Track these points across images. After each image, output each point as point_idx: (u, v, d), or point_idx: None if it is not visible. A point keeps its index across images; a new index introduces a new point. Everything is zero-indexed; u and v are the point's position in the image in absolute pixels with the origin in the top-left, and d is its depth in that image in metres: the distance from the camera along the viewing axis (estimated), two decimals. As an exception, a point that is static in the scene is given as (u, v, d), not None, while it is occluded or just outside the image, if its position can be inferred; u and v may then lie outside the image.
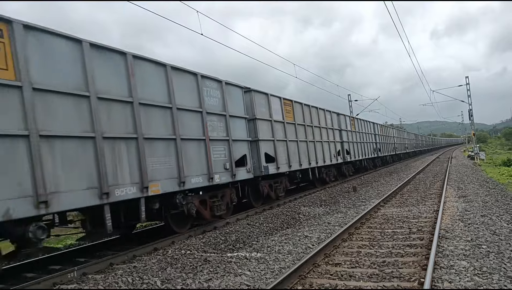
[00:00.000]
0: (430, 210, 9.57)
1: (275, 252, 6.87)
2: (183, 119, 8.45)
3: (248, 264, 6.23)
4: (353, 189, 15.76)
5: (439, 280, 4.68)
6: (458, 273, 4.88)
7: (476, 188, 12.99)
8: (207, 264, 6.36)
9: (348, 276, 5.18)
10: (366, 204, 11.74)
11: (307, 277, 5.26)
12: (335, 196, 14.28)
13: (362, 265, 5.60)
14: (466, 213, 8.67)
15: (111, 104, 6.72)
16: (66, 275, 5.93)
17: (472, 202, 10.12)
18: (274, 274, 5.59)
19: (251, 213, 11.28)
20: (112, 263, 6.68)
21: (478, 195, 11.39)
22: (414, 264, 5.42)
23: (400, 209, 10.33)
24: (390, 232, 7.57)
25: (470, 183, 14.66)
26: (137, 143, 7.11)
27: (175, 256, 6.95)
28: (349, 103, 39.47)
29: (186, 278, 5.66)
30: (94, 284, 5.62)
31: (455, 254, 5.68)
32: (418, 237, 7.00)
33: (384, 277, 5.02)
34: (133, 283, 5.62)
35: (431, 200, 11.42)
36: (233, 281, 5.39)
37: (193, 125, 8.79)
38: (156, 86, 7.88)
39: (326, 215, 10.39)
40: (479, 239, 6.37)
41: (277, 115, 13.26)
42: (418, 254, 5.88)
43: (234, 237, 8.35)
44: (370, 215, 9.58)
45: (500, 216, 8.11)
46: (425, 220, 8.44)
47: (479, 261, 5.25)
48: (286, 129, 13.75)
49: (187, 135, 8.51)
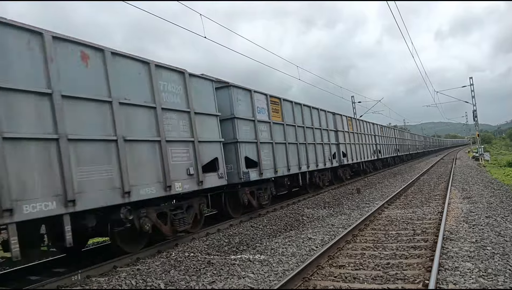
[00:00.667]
0: (435, 212, 9.52)
1: (279, 254, 6.85)
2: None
3: (251, 266, 6.22)
4: (357, 191, 15.72)
5: (443, 282, 4.65)
6: (463, 274, 4.84)
7: (480, 189, 12.92)
8: (211, 266, 6.35)
9: (352, 278, 5.15)
10: (370, 205, 11.70)
11: (311, 279, 5.24)
12: (338, 198, 14.24)
13: (366, 267, 5.58)
14: (471, 215, 8.61)
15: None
16: (70, 278, 5.94)
17: (476, 203, 10.06)
18: (277, 277, 5.57)
19: (254, 215, 11.26)
20: (116, 266, 6.68)
21: (482, 196, 11.32)
22: (419, 266, 5.38)
23: (404, 210, 10.28)
24: (394, 234, 7.53)
25: (475, 184, 14.58)
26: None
27: (178, 258, 6.95)
28: (352, 105, 39.44)
29: (189, 281, 5.65)
30: (98, 287, 5.63)
31: (460, 255, 5.64)
32: (422, 238, 6.96)
33: (388, 279, 4.99)
34: (136, 285, 5.62)
35: (435, 201, 11.35)
36: (236, 283, 5.38)
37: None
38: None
39: (330, 217, 10.36)
40: (484, 240, 6.32)
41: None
42: (423, 256, 5.84)
43: (237, 239, 8.34)
44: (374, 216, 9.55)
45: (505, 217, 8.05)
46: (429, 222, 8.39)
47: (484, 263, 5.21)
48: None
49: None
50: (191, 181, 8.33)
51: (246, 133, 10.87)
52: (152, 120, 7.51)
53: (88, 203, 5.97)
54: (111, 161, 6.46)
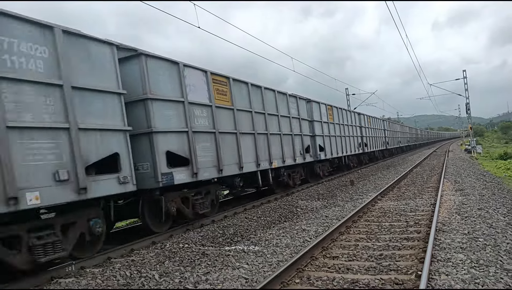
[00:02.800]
0: (427, 203, 9.60)
1: (273, 245, 6.88)
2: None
3: (246, 257, 6.24)
4: (351, 183, 15.80)
5: (436, 272, 4.70)
6: (455, 265, 4.90)
7: (473, 182, 13.05)
8: (205, 257, 6.37)
9: (345, 269, 5.20)
10: (363, 197, 11.77)
11: (305, 270, 5.28)
12: (332, 190, 14.31)
13: (360, 258, 5.62)
14: (463, 207, 8.70)
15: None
16: (63, 269, 5.92)
17: (469, 196, 10.16)
18: (272, 267, 5.60)
19: (249, 206, 11.25)
20: (110, 257, 6.67)
21: (475, 188, 11.44)
22: (412, 257, 5.44)
23: (397, 202, 10.36)
24: (388, 225, 7.59)
25: (467, 177, 14.72)
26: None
27: (173, 249, 6.95)
28: (346, 97, 39.48)
29: (184, 272, 5.66)
30: (92, 278, 5.62)
31: (452, 247, 5.71)
32: (415, 230, 7.03)
33: (381, 269, 5.04)
34: (131, 276, 5.62)
35: (428, 193, 11.46)
36: (231, 274, 5.40)
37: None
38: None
39: (324, 209, 10.41)
40: (476, 232, 6.40)
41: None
42: (416, 247, 5.90)
43: (232, 230, 8.36)
44: (367, 208, 9.61)
45: (497, 209, 8.15)
46: (422, 213, 8.47)
47: (476, 254, 5.27)
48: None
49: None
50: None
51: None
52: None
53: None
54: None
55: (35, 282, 5.50)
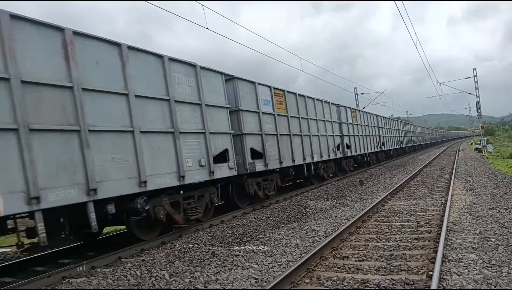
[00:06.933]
0: (438, 203, 9.51)
1: (282, 245, 6.88)
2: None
3: (255, 257, 6.25)
4: (360, 183, 15.72)
5: (447, 273, 4.66)
6: (466, 266, 4.85)
7: (484, 181, 12.90)
8: (215, 257, 6.39)
9: (355, 269, 5.17)
10: (373, 197, 11.70)
11: (315, 270, 5.26)
12: (341, 190, 14.25)
13: (370, 258, 5.59)
14: (474, 206, 8.61)
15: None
16: (75, 269, 6.00)
17: (480, 195, 10.04)
18: (281, 267, 5.60)
19: (257, 207, 11.29)
20: (121, 257, 6.74)
21: (486, 188, 11.30)
22: (422, 257, 5.40)
23: (407, 202, 10.28)
24: (398, 225, 7.54)
25: (478, 176, 14.55)
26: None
27: (182, 249, 6.99)
28: (355, 97, 39.29)
29: (194, 271, 5.69)
30: (103, 277, 5.68)
31: (464, 247, 5.65)
32: (426, 230, 6.97)
33: (392, 270, 5.01)
34: (141, 276, 5.67)
35: (438, 193, 11.35)
36: (241, 274, 5.41)
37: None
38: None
39: (333, 209, 10.38)
40: (488, 232, 6.32)
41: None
42: (426, 247, 5.85)
43: (241, 230, 8.37)
44: (377, 208, 9.55)
45: (509, 209, 8.04)
46: (432, 213, 8.39)
47: (488, 254, 5.21)
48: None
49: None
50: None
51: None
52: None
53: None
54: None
55: (47, 282, 5.58)
